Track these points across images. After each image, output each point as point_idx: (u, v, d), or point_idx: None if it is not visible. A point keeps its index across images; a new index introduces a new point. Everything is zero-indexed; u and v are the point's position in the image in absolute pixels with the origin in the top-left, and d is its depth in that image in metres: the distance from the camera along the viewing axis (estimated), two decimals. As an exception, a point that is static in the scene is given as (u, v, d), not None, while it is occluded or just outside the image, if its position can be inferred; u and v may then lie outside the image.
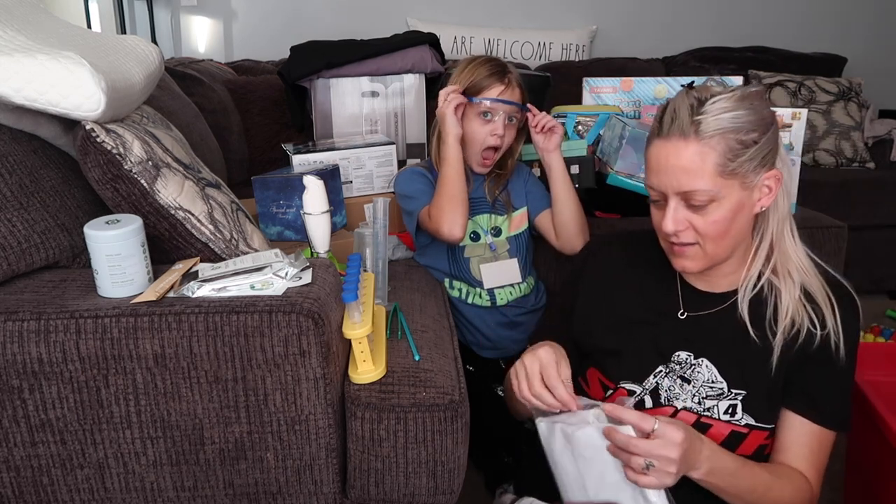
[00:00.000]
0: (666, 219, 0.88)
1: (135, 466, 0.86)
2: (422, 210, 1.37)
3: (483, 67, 1.36)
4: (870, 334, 2.17)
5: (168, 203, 0.96)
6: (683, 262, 0.92)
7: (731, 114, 0.84)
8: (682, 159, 0.85)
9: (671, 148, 0.86)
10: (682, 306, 0.98)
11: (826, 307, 0.90)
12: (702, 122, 0.84)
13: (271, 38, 3.00)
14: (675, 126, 0.85)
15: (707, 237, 0.88)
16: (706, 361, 0.93)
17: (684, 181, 0.86)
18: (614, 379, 0.98)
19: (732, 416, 0.91)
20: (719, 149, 0.84)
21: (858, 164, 2.66)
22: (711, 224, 0.87)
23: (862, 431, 1.23)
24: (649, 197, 0.92)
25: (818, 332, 0.89)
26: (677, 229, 0.88)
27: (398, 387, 0.91)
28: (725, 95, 0.85)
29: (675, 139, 0.86)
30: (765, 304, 0.92)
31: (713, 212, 0.86)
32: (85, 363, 0.81)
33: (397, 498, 0.92)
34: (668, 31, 3.23)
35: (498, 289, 1.42)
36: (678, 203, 0.88)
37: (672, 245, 0.92)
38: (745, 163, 0.85)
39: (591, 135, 1.71)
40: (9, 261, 0.88)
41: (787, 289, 0.91)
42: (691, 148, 0.84)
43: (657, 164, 0.88)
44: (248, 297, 0.84)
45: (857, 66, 3.08)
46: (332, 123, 1.85)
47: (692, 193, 0.86)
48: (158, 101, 1.50)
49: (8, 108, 0.94)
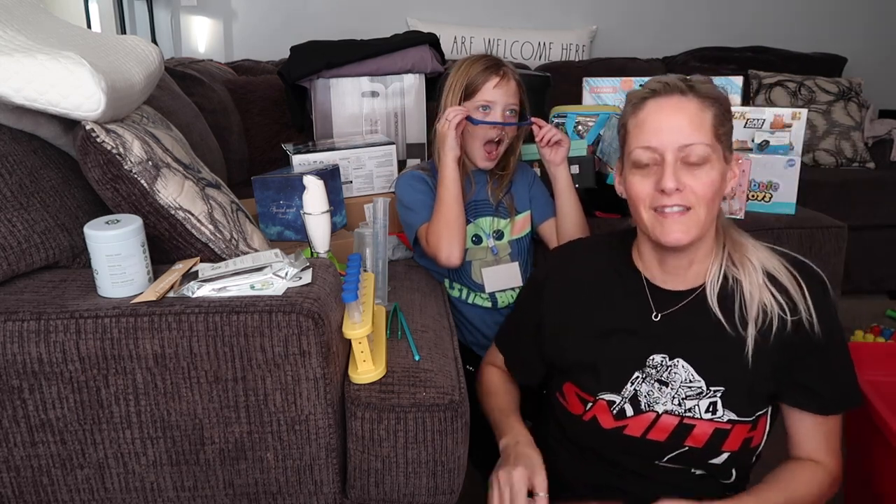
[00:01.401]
0: (666, 176, 0.86)
1: (135, 466, 0.86)
2: (420, 227, 1.37)
3: (477, 64, 1.37)
4: (870, 334, 2.17)
5: (168, 203, 0.96)
6: (675, 229, 0.88)
7: (712, 85, 0.90)
8: (685, 112, 0.87)
9: (673, 103, 0.88)
10: (653, 308, 0.96)
11: (794, 289, 0.89)
12: (695, 85, 0.89)
13: (271, 38, 3.00)
14: (670, 87, 0.88)
15: (702, 199, 0.87)
16: (682, 362, 0.92)
17: (687, 133, 0.87)
18: (592, 392, 0.96)
19: (714, 414, 0.91)
20: (713, 110, 0.88)
21: (858, 164, 2.66)
22: (705, 185, 0.87)
23: (862, 431, 1.23)
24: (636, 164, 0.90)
25: (789, 318, 0.88)
26: (678, 186, 0.86)
27: (398, 387, 0.91)
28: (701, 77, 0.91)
29: (675, 97, 0.88)
30: (731, 296, 0.91)
31: (708, 171, 0.87)
32: (85, 363, 0.81)
33: (397, 498, 0.92)
34: (668, 31, 3.23)
35: (499, 291, 1.42)
36: (675, 161, 0.87)
37: (664, 214, 0.89)
38: (727, 134, 0.90)
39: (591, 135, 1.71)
40: (9, 261, 0.88)
41: (748, 277, 0.91)
42: (693, 102, 0.88)
43: (657, 122, 0.88)
44: (248, 297, 0.84)
45: (856, 66, 3.08)
46: (332, 123, 1.85)
47: (692, 148, 0.86)
48: (158, 101, 1.50)
49: (8, 108, 0.94)
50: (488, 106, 1.36)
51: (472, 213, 1.42)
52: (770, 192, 1.68)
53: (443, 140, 1.33)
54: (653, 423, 0.93)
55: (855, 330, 2.21)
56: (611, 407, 0.95)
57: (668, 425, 0.92)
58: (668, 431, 0.92)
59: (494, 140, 1.38)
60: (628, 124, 0.92)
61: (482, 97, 1.36)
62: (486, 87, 1.35)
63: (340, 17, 3.04)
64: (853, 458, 1.31)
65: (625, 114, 0.94)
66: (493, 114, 1.36)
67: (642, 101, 0.90)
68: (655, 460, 0.94)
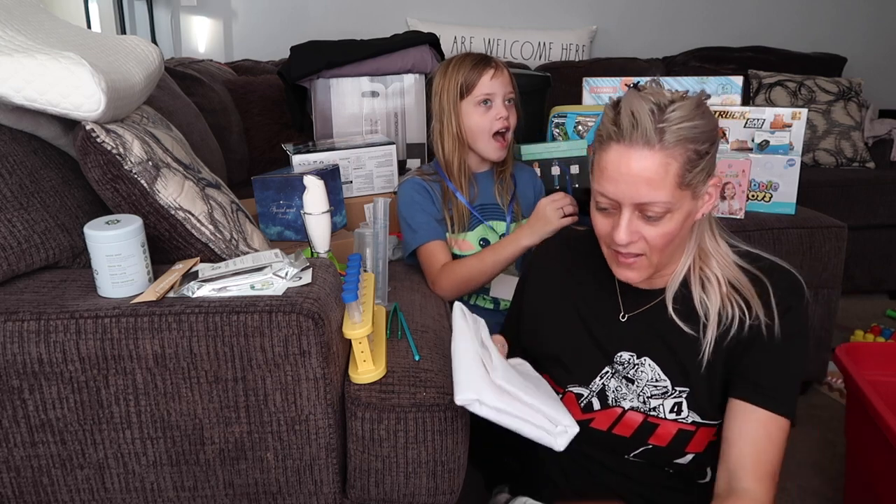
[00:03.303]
0: (619, 230, 0.84)
1: (135, 467, 0.86)
2: (420, 247, 1.37)
3: (466, 62, 1.38)
4: (870, 334, 2.18)
5: (168, 203, 0.96)
6: (628, 272, 0.89)
7: (690, 123, 0.81)
8: (646, 170, 0.80)
9: (634, 156, 0.81)
10: (621, 308, 0.97)
11: (756, 298, 0.88)
12: (666, 131, 0.80)
13: (271, 38, 3.00)
14: (638, 133, 0.80)
15: (655, 248, 0.86)
16: (649, 360, 0.93)
17: (644, 192, 0.81)
18: (562, 383, 0.98)
19: (678, 414, 0.91)
20: (680, 160, 0.81)
21: (858, 164, 2.66)
22: (662, 236, 0.84)
23: (862, 431, 1.23)
24: (597, 204, 0.88)
25: (748, 321, 0.87)
26: (630, 240, 0.85)
27: (398, 387, 0.91)
28: (682, 104, 0.82)
29: (638, 147, 0.80)
30: (691, 299, 0.91)
31: (666, 223, 0.84)
32: (85, 363, 0.81)
33: (397, 498, 0.92)
34: (667, 31, 3.23)
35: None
36: (632, 213, 0.84)
37: (618, 255, 0.89)
38: (699, 173, 0.83)
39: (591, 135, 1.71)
40: (9, 261, 0.88)
41: (711, 283, 0.90)
42: (657, 157, 0.80)
43: (616, 172, 0.82)
44: (248, 297, 0.84)
45: (856, 66, 3.08)
46: (332, 123, 1.85)
47: (650, 205, 0.82)
48: (158, 101, 1.50)
49: (8, 108, 0.94)
50: (489, 99, 1.37)
51: (483, 216, 1.43)
52: (770, 192, 1.67)
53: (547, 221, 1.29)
54: (618, 418, 0.94)
55: (855, 330, 2.21)
56: (579, 399, 0.96)
57: (633, 422, 0.93)
58: (633, 428, 0.93)
59: (502, 131, 1.39)
60: (596, 157, 0.88)
61: (481, 91, 1.36)
62: (483, 80, 1.36)
63: (340, 17, 3.04)
64: (853, 458, 1.31)
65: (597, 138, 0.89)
66: (495, 105, 1.37)
67: (608, 142, 0.84)
68: (623, 455, 0.95)
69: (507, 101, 1.38)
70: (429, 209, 1.38)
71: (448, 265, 1.34)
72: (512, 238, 1.33)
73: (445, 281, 1.32)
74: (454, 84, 1.37)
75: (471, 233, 1.41)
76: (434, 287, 1.34)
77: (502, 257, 1.31)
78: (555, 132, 1.74)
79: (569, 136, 1.70)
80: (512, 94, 1.39)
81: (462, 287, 1.33)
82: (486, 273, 1.32)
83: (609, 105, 0.86)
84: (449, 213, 1.40)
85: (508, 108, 1.38)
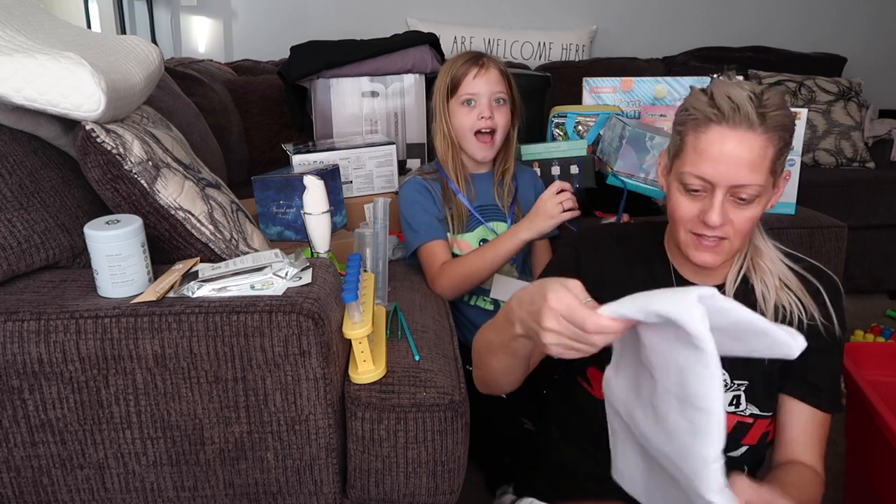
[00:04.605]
0: (713, 211, 0.84)
1: (135, 466, 0.86)
2: (420, 247, 1.37)
3: (458, 60, 1.39)
4: (870, 334, 2.17)
5: (168, 203, 0.96)
6: (706, 256, 0.88)
7: (784, 111, 0.83)
8: (749, 152, 0.82)
9: (738, 138, 0.82)
10: None
11: (809, 296, 0.92)
12: (767, 116, 0.82)
13: (271, 38, 3.00)
14: (741, 115, 0.81)
15: (739, 233, 0.86)
16: None
17: (744, 174, 0.82)
18: None
19: (737, 407, 0.92)
20: (776, 145, 0.83)
21: (858, 164, 2.66)
22: (749, 220, 0.85)
23: (862, 431, 1.22)
24: (685, 186, 0.87)
25: (805, 320, 0.90)
26: (722, 222, 0.85)
27: (398, 387, 0.91)
28: (773, 92, 0.84)
29: (742, 129, 0.81)
30: (749, 293, 0.93)
31: (754, 207, 0.85)
32: (85, 363, 0.81)
33: (397, 498, 0.92)
34: (667, 31, 3.22)
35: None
36: (724, 196, 0.85)
37: (701, 239, 0.88)
38: (783, 162, 0.86)
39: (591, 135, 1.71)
40: (9, 261, 0.88)
41: (766, 281, 0.92)
42: (759, 140, 0.82)
43: (718, 153, 0.83)
44: (248, 297, 0.84)
45: (856, 66, 3.08)
46: (332, 123, 1.85)
47: (745, 188, 0.83)
48: (158, 101, 1.50)
49: (8, 108, 0.94)
50: (472, 99, 1.37)
51: (484, 217, 1.43)
52: (770, 192, 1.67)
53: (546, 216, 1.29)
54: None
55: (855, 330, 2.21)
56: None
57: None
58: None
59: (485, 131, 1.38)
60: (686, 140, 0.87)
61: (465, 91, 1.37)
62: (467, 80, 1.36)
63: (340, 17, 3.04)
64: (853, 458, 1.31)
65: (685, 121, 0.88)
66: (479, 104, 1.37)
67: (706, 124, 0.84)
68: None
69: (496, 101, 1.38)
70: (430, 209, 1.38)
71: (448, 262, 1.34)
72: (511, 232, 1.32)
73: (445, 278, 1.32)
74: (444, 83, 1.39)
75: (470, 234, 1.41)
76: (434, 285, 1.34)
77: (502, 251, 1.31)
78: (555, 132, 1.74)
79: (569, 136, 1.70)
80: (501, 94, 1.38)
81: (462, 283, 1.33)
82: (485, 268, 1.32)
83: (698, 90, 0.87)
84: (449, 212, 1.40)
85: (496, 108, 1.37)
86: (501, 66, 1.40)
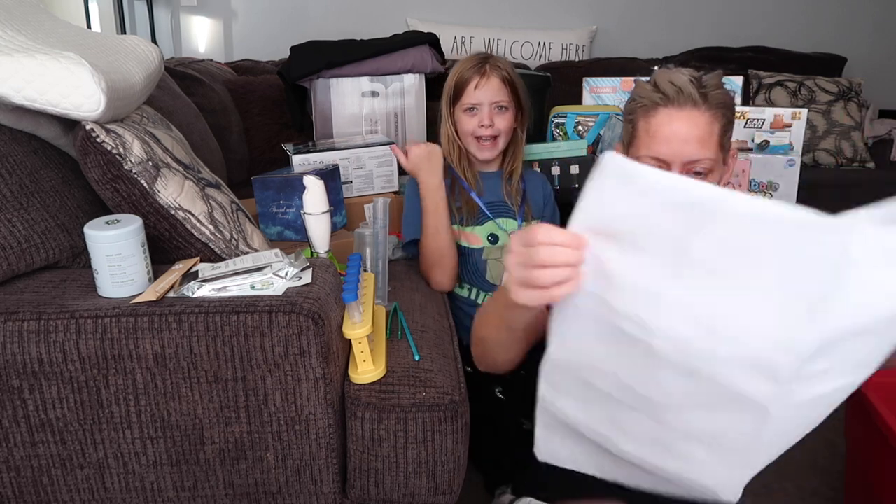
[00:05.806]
0: None
1: (135, 466, 0.86)
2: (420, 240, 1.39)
3: (464, 65, 1.41)
4: (870, 334, 2.17)
5: (168, 203, 0.96)
6: None
7: (723, 91, 0.89)
8: (696, 128, 0.87)
9: (685, 116, 0.88)
10: None
11: None
12: (708, 95, 0.88)
13: (271, 38, 3.00)
14: (684, 96, 0.88)
15: None
16: None
17: (695, 150, 0.88)
18: None
19: None
20: (721, 122, 0.89)
21: (858, 164, 2.66)
22: None
23: (862, 431, 1.23)
24: None
25: None
26: None
27: (398, 387, 0.91)
28: (711, 75, 0.90)
29: (688, 108, 0.88)
30: None
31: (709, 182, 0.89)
32: (85, 363, 0.81)
33: (397, 498, 0.92)
34: (668, 31, 3.22)
35: None
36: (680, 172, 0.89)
37: None
38: (729, 138, 0.91)
39: (591, 135, 1.71)
40: (9, 261, 0.88)
41: None
42: (704, 117, 0.88)
43: (669, 133, 0.89)
44: (248, 297, 0.84)
45: (857, 66, 3.08)
46: (332, 123, 1.85)
47: (698, 162, 0.88)
48: (158, 101, 1.50)
49: (8, 108, 0.94)
50: (474, 107, 1.40)
51: (493, 213, 1.44)
52: (770, 192, 1.68)
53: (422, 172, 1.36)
54: None
55: (855, 330, 2.21)
56: None
57: None
58: None
59: (485, 137, 1.41)
60: (638, 125, 0.93)
61: (467, 100, 1.40)
62: (469, 89, 1.40)
63: (340, 17, 3.04)
64: (853, 458, 1.31)
65: (634, 109, 0.94)
66: (480, 112, 1.40)
67: (654, 108, 0.90)
68: None
69: (496, 108, 1.40)
70: None
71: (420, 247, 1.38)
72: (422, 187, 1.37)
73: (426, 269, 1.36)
74: (448, 88, 1.43)
75: (479, 227, 1.43)
76: (430, 284, 1.36)
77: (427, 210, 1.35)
78: (555, 132, 1.74)
79: (569, 136, 1.70)
80: (501, 101, 1.41)
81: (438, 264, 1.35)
82: (435, 236, 1.34)
83: (642, 81, 0.93)
84: (457, 206, 1.42)
85: (496, 115, 1.40)
86: (505, 71, 1.41)
